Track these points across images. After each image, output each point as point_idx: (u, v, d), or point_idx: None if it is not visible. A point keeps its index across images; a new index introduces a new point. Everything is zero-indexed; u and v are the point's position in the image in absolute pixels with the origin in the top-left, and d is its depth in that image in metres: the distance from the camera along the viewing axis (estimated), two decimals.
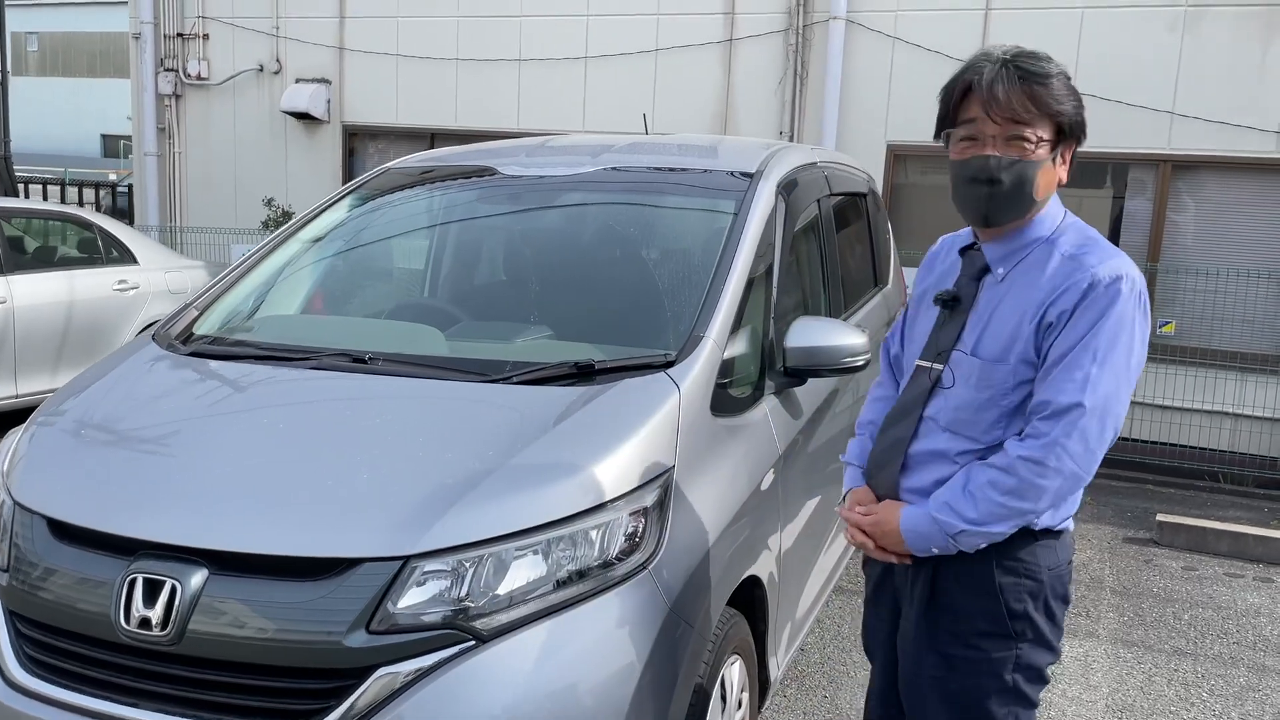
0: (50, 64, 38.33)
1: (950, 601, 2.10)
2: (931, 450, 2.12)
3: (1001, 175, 2.01)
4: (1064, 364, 1.95)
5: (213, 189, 11.06)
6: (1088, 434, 1.94)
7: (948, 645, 2.11)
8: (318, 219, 3.66)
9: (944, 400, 2.11)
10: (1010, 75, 1.99)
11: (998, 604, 2.05)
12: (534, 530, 2.22)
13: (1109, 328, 1.94)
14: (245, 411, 2.63)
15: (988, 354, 2.05)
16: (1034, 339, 2.00)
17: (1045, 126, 2.01)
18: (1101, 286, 1.96)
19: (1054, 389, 1.96)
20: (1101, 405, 1.94)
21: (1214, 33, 7.42)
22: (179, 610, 2.13)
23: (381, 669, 2.09)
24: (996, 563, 2.05)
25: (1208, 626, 4.68)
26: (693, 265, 3.20)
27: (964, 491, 2.01)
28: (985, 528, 1.99)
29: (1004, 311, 2.06)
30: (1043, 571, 2.07)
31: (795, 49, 8.55)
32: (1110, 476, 7.18)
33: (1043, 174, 2.03)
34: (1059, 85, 2.00)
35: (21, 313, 6.75)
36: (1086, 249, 2.03)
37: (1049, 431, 1.94)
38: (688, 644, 2.37)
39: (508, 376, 2.64)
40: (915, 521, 2.07)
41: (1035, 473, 1.95)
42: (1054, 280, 2.00)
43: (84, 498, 2.36)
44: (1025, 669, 2.08)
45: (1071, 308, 1.97)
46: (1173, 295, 7.72)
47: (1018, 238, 2.09)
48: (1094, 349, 1.94)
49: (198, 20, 10.86)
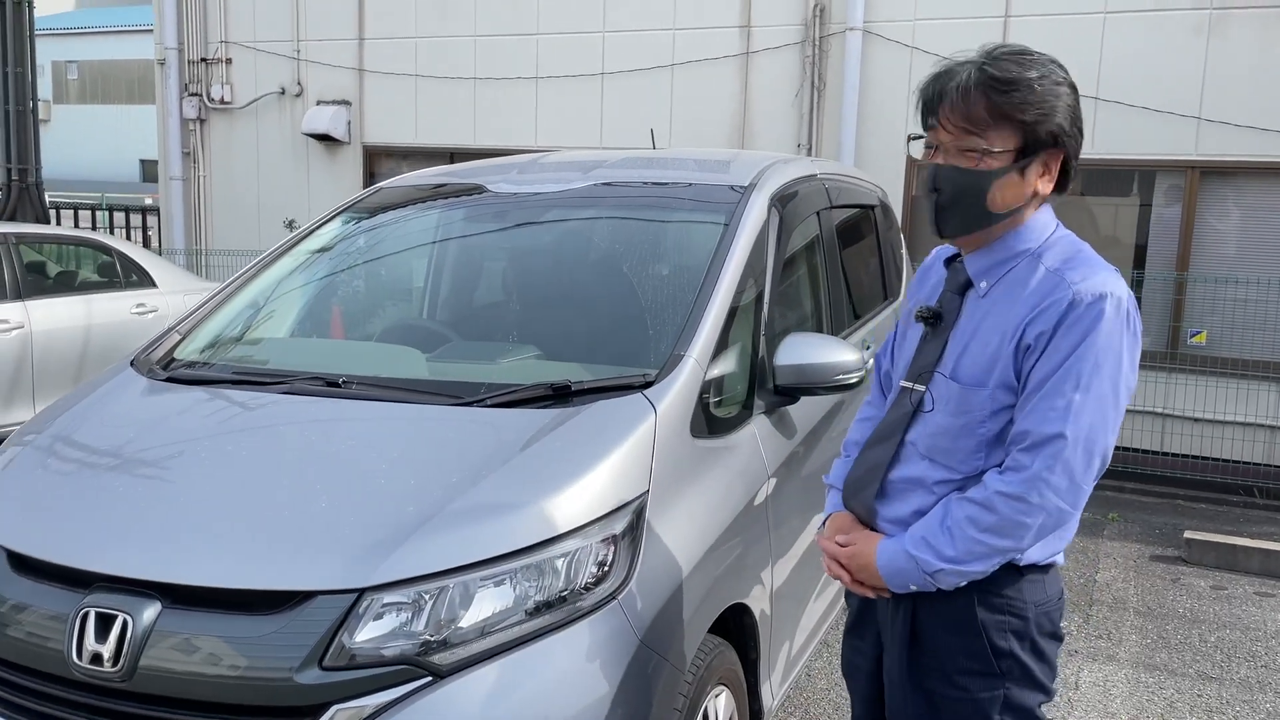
0: (90, 92, 39.05)
1: (932, 639, 1.98)
2: (910, 477, 2.00)
3: (943, 186, 1.91)
4: (1044, 391, 1.82)
5: (236, 211, 11.15)
6: (1072, 467, 1.80)
7: (933, 683, 1.99)
8: (307, 239, 3.62)
9: (924, 425, 1.99)
10: (971, 80, 1.87)
11: (981, 642, 1.93)
12: (497, 560, 2.14)
13: (1092, 351, 1.80)
14: (211, 438, 2.58)
15: (966, 377, 1.92)
16: (1013, 362, 1.86)
17: (1006, 136, 1.87)
18: (1083, 305, 1.81)
19: (1034, 418, 1.82)
20: (1086, 435, 1.80)
21: (1240, 36, 7.24)
22: (130, 645, 2.07)
23: (336, 706, 2.01)
24: (978, 599, 1.93)
25: (1235, 649, 4.50)
26: (680, 281, 3.12)
27: (941, 527, 1.89)
28: (963, 566, 1.87)
29: (985, 331, 1.92)
30: (1029, 609, 1.94)
31: (812, 61, 8.46)
32: (1139, 492, 7.00)
33: (1000, 186, 1.89)
34: (1029, 91, 1.85)
35: (39, 337, 6.80)
36: (1071, 264, 1.88)
37: (1030, 464, 1.81)
38: (661, 676, 2.28)
39: (481, 399, 2.57)
40: (891, 557, 1.94)
41: (1016, 510, 1.82)
42: (1034, 297, 1.86)
43: (42, 529, 2.32)
44: (1015, 709, 1.96)
45: (1051, 329, 1.82)
46: (1203, 304, 7.52)
47: (1000, 250, 1.95)
48: (1077, 374, 1.80)
49: (221, 45, 10.96)
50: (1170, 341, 7.59)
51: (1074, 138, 1.92)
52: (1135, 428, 7.52)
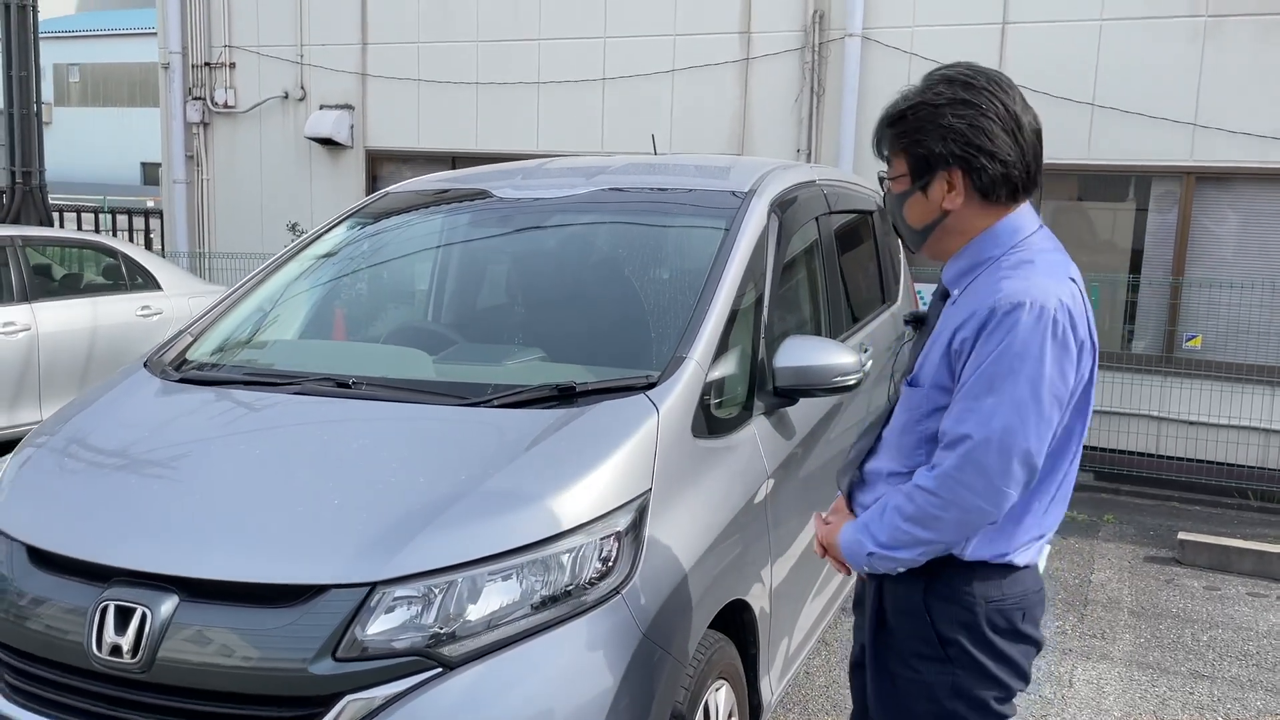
0: (92, 94, 39.12)
1: (893, 620, 2.11)
2: (875, 469, 2.16)
3: (888, 211, 2.15)
4: (962, 393, 1.91)
5: (239, 215, 11.22)
6: (985, 467, 1.87)
7: (894, 664, 2.11)
8: (315, 243, 3.69)
9: (893, 422, 2.14)
10: (887, 114, 2.06)
11: (928, 628, 2.04)
12: (504, 555, 2.21)
13: (1007, 357, 1.86)
14: (225, 437, 2.65)
15: (918, 376, 2.05)
16: (946, 364, 1.97)
17: (900, 163, 2.05)
18: (1000, 313, 1.88)
19: (951, 419, 1.93)
20: (998, 438, 1.86)
21: (1235, 42, 7.31)
22: (149, 638, 2.14)
23: (348, 696, 2.08)
24: (926, 586, 2.04)
25: (1227, 648, 4.57)
26: (681, 285, 3.19)
27: (877, 514, 2.03)
28: (891, 553, 1.98)
29: (939, 336, 2.02)
30: (979, 603, 2.01)
31: (812, 67, 8.53)
32: (1135, 494, 7.07)
33: (910, 205, 2.06)
34: (902, 122, 2.00)
35: (45, 339, 6.86)
36: (1010, 273, 1.95)
37: (943, 462, 1.92)
38: (664, 669, 2.35)
39: (488, 400, 2.64)
40: (845, 538, 2.09)
41: (930, 503, 1.92)
42: (966, 307, 1.96)
43: (62, 525, 2.38)
44: (965, 697, 2.03)
45: (974, 335, 1.91)
46: (1199, 309, 7.59)
47: (966, 259, 2.05)
48: (990, 378, 1.87)
49: (224, 49, 11.03)
50: (1166, 345, 7.66)
51: (963, 155, 1.97)
52: (1131, 430, 7.59)
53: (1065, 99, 7.74)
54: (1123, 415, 7.63)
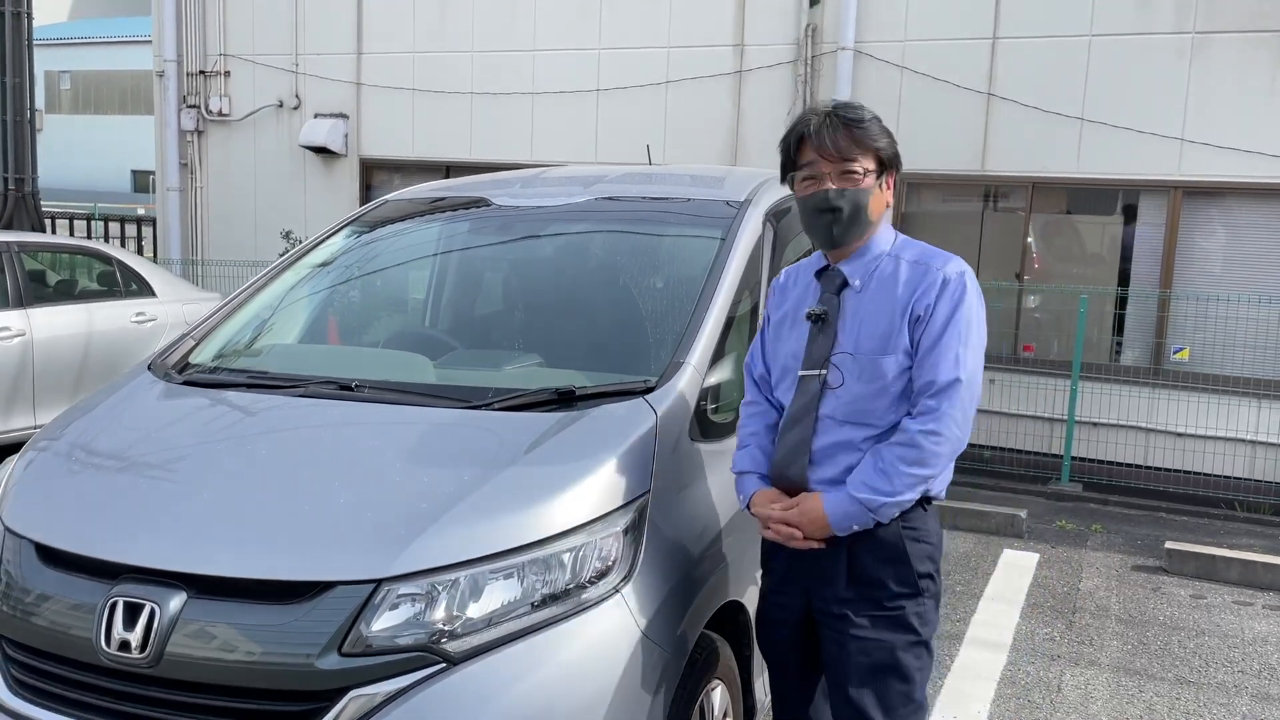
0: (83, 102, 39.09)
1: (868, 572, 2.39)
2: (835, 442, 2.41)
3: (840, 204, 2.40)
4: (937, 348, 2.32)
5: (233, 222, 11.25)
6: (965, 404, 2.32)
7: (870, 609, 2.40)
8: (315, 250, 3.73)
9: (836, 399, 2.41)
10: (834, 123, 2.39)
11: (909, 568, 2.39)
12: (507, 553, 2.25)
13: (963, 315, 2.34)
14: (231, 438, 2.69)
15: (869, 350, 2.39)
16: (908, 333, 2.36)
17: (868, 159, 2.40)
18: (953, 282, 2.36)
19: (934, 370, 2.32)
20: (969, 378, 2.33)
21: (1222, 59, 7.42)
22: (157, 633, 2.17)
23: (353, 691, 2.12)
24: (903, 532, 2.39)
25: (1213, 655, 4.63)
26: (678, 292, 3.23)
27: (876, 470, 2.32)
28: (899, 497, 2.32)
29: (871, 314, 2.41)
30: (934, 535, 2.44)
31: (804, 79, 8.62)
32: (1123, 505, 7.14)
33: (873, 199, 2.42)
34: (874, 127, 2.41)
35: (40, 345, 6.88)
36: (927, 256, 2.44)
37: (938, 406, 2.30)
38: (662, 668, 2.39)
39: (489, 403, 2.68)
40: (838, 504, 2.35)
41: (934, 442, 2.30)
42: (910, 284, 2.39)
43: (70, 523, 2.41)
44: (926, 624, 2.43)
45: (934, 301, 2.35)
46: (1186, 321, 7.68)
47: (865, 254, 2.47)
48: (958, 332, 2.33)
49: (220, 58, 11.09)
50: (1153, 358, 7.75)
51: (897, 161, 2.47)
52: (1119, 442, 7.67)
53: (1054, 113, 7.84)
54: (1111, 426, 7.71)
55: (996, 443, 7.80)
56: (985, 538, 6.28)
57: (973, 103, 8.11)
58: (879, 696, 2.40)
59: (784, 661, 2.63)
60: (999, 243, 8.15)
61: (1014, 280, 7.97)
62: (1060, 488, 7.33)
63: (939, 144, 8.05)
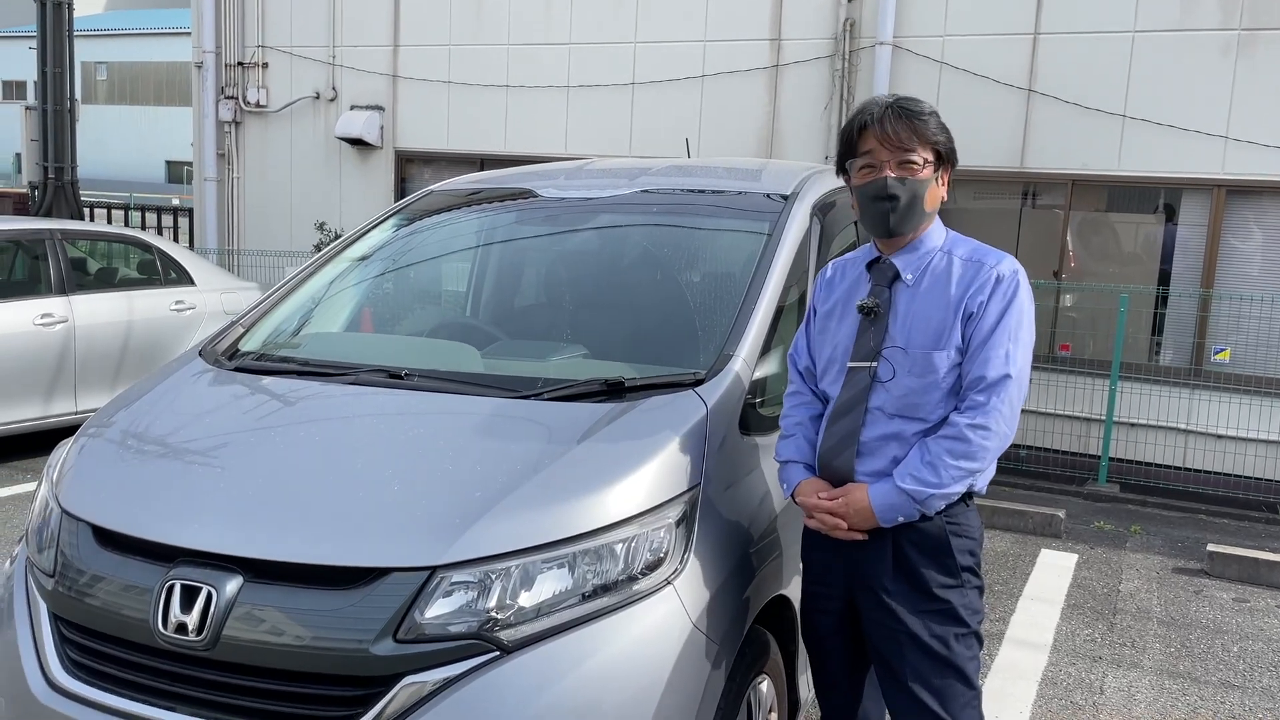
0: (118, 93, 39.48)
1: (913, 564, 2.41)
2: (884, 435, 2.43)
3: (898, 192, 2.42)
4: (988, 344, 2.35)
5: (268, 213, 11.32)
6: (1013, 400, 2.35)
7: (919, 602, 2.42)
8: (362, 239, 3.74)
9: (886, 392, 2.44)
10: (896, 113, 2.43)
11: (952, 560, 2.41)
12: (560, 543, 2.24)
13: (1015, 312, 2.38)
14: (284, 425, 2.70)
15: (921, 345, 2.41)
16: (961, 329, 2.39)
17: (927, 151, 2.44)
18: (1006, 280, 2.40)
19: (984, 365, 2.35)
20: (1019, 375, 2.36)
21: (1268, 56, 7.32)
22: (214, 616, 2.18)
23: (407, 677, 2.12)
24: (947, 527, 2.41)
25: (1258, 659, 4.57)
26: (726, 286, 3.22)
27: (923, 463, 2.35)
28: (946, 489, 2.34)
29: (924, 309, 2.43)
30: (975, 530, 2.47)
31: (841, 74, 8.57)
32: (1162, 506, 7.06)
33: (930, 191, 2.46)
34: (933, 121, 2.46)
35: (82, 331, 6.95)
36: (981, 253, 2.47)
37: (987, 401, 2.33)
38: (712, 660, 2.38)
39: (539, 393, 2.68)
40: (884, 495, 2.37)
41: (982, 436, 2.33)
42: (964, 280, 2.42)
43: (127, 506, 2.43)
44: (974, 613, 2.45)
45: (987, 298, 2.38)
46: (1227, 322, 7.58)
47: (918, 248, 2.49)
48: (1009, 329, 2.36)
49: (257, 49, 11.16)
50: (1194, 358, 7.66)
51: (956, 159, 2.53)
52: (1158, 443, 7.59)
53: (1096, 110, 7.76)
54: (1150, 427, 7.63)
55: (1032, 442, 7.74)
56: (1023, 537, 6.24)
57: (1012, 99, 8.04)
58: (938, 690, 2.42)
59: (828, 652, 2.64)
60: (1037, 240, 8.07)
61: (1051, 279, 7.90)
62: (1097, 488, 7.27)
63: (977, 140, 7.97)
